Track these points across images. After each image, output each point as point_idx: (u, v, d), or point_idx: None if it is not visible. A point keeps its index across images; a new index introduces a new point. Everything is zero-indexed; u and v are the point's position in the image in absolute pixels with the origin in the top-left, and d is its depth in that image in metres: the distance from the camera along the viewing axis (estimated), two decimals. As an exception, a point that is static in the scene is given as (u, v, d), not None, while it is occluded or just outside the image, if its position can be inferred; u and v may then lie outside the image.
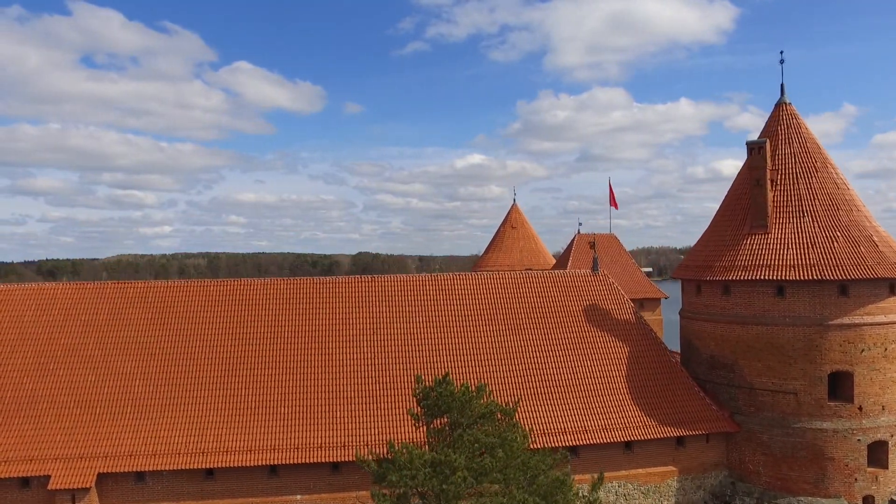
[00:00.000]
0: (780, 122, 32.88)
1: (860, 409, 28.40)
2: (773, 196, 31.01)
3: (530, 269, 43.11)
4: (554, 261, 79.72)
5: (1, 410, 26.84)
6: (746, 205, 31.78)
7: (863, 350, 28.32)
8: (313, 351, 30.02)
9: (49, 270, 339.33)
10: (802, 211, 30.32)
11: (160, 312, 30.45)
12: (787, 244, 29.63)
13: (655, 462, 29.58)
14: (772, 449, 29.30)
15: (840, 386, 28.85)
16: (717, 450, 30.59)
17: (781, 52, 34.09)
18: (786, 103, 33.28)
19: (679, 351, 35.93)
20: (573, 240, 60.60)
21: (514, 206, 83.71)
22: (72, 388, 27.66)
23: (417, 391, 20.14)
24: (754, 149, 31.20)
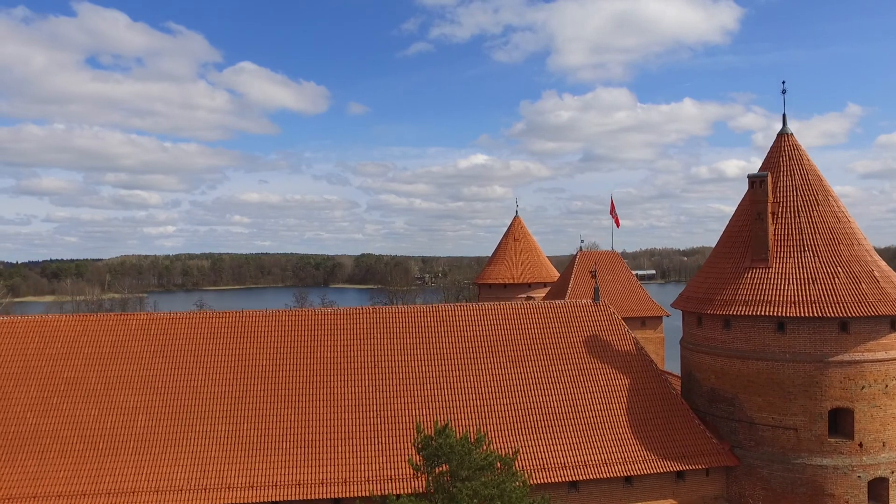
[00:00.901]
0: (782, 153, 32.89)
1: (860, 445, 28.42)
2: (775, 229, 31.03)
3: (531, 297, 43.14)
4: (557, 274, 79.89)
5: (5, 446, 27.05)
6: (747, 237, 31.81)
7: (863, 387, 28.33)
8: (316, 383, 30.15)
9: (53, 272, 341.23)
10: (804, 245, 30.34)
11: (162, 344, 30.62)
12: (788, 279, 29.65)
13: (655, 495, 29.61)
14: (772, 484, 29.33)
15: (840, 422, 28.87)
16: (717, 483, 30.63)
17: (783, 83, 34.16)
18: (787, 134, 33.29)
19: (680, 373, 36.05)
20: (575, 257, 60.68)
21: (516, 217, 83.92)
22: (75, 423, 27.85)
23: (417, 441, 20.25)
24: (756, 182, 31.23)
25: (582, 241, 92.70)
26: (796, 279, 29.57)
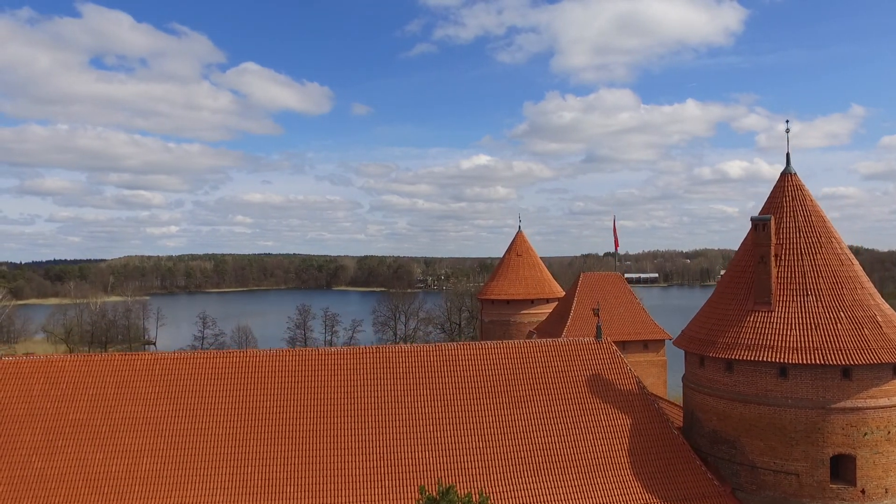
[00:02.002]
0: (786, 193, 32.93)
1: (863, 492, 28.45)
2: (777, 272, 31.07)
3: (533, 334, 43.21)
4: (560, 290, 79.95)
5: (10, 490, 27.23)
6: (750, 279, 31.86)
7: (865, 434, 28.37)
8: (319, 426, 30.26)
9: (56, 275, 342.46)
10: (806, 289, 30.38)
11: (166, 385, 30.79)
12: (791, 324, 29.69)
13: (657, 538, 29.69)
14: (773, 528, 29.38)
15: (843, 468, 28.91)
16: (719, 525, 30.66)
17: (787, 122, 34.26)
18: (791, 173, 33.34)
19: (682, 405, 36.14)
20: (577, 279, 60.74)
21: (519, 233, 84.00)
22: (80, 467, 28.02)
23: (420, 503, 20.38)
24: (759, 226, 31.28)
25: (583, 269, 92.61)
26: (799, 324, 29.61)
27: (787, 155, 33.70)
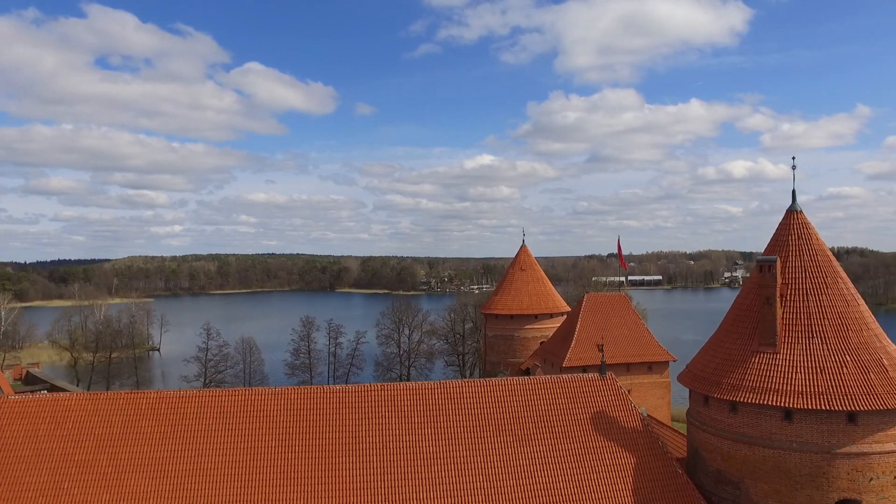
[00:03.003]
0: (791, 231, 32.83)
1: (867, 537, 28.38)
2: (783, 313, 31.00)
3: (538, 366, 43.18)
4: (564, 304, 79.84)
5: (16, 533, 27.36)
6: (755, 318, 31.80)
7: (871, 479, 28.29)
8: (326, 464, 30.30)
9: (61, 277, 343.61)
10: (812, 331, 30.30)
11: (172, 424, 30.86)
12: (796, 367, 29.63)
13: (661, 580, 29.70)
14: (778, 572, 29.32)
15: (847, 513, 28.84)
16: (724, 566, 30.64)
17: (794, 158, 34.13)
18: (796, 211, 33.25)
19: (686, 437, 36.10)
20: (582, 300, 60.69)
21: (522, 247, 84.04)
22: (86, 510, 28.10)
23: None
24: (764, 267, 31.21)
25: (587, 291, 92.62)
26: (804, 367, 29.54)
27: (793, 192, 33.58)
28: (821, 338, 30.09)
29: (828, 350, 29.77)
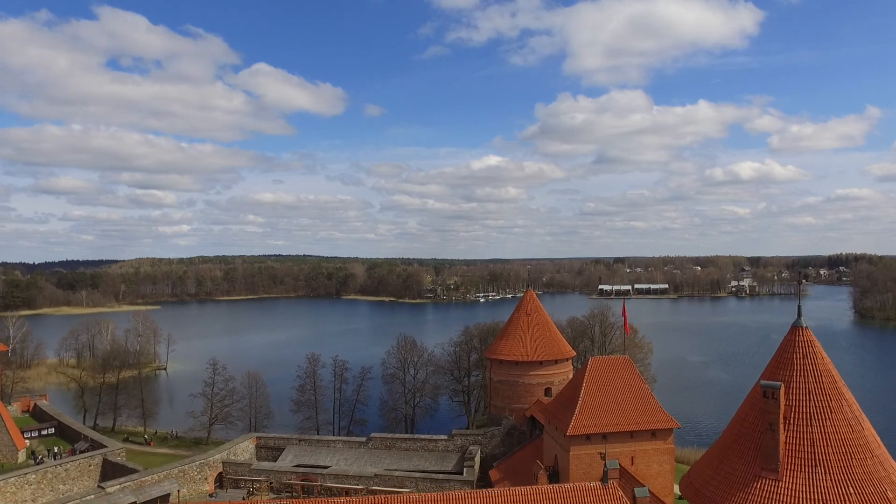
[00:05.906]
0: (797, 348, 32.67)
1: None
2: (786, 438, 30.92)
3: (542, 468, 43.25)
4: (570, 349, 79.83)
5: None
6: (757, 439, 31.73)
7: None
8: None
9: (69, 283, 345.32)
10: (815, 459, 30.17)
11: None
12: (798, 497, 29.50)
13: None
14: None
15: None
16: None
17: (801, 273, 33.98)
18: (802, 327, 33.12)
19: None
20: (586, 365, 60.63)
21: (528, 291, 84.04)
22: None
23: None
24: (768, 393, 31.15)
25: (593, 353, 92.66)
26: (806, 498, 29.46)
27: (799, 307, 33.48)
28: (824, 467, 29.98)
29: (831, 480, 29.65)
